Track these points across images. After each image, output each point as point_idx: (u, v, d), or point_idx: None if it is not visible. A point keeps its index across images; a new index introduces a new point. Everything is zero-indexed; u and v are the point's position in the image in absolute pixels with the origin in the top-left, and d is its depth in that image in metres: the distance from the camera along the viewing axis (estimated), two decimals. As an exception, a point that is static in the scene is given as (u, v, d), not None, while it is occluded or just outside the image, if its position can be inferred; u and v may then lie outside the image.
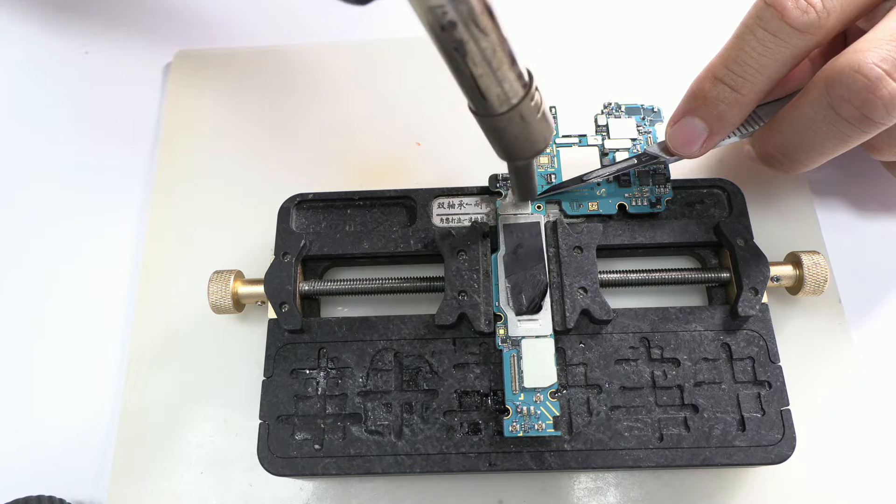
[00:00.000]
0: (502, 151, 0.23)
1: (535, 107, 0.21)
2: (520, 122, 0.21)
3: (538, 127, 0.22)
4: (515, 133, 0.22)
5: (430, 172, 0.33)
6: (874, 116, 0.23)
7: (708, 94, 0.26)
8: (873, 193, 0.33)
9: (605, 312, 0.26)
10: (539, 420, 0.25)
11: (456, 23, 0.18)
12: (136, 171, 0.35)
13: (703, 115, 0.26)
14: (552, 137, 0.23)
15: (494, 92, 0.20)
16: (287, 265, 0.28)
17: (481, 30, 0.19)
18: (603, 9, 0.37)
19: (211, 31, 0.39)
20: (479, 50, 0.19)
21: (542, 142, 0.23)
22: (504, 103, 0.21)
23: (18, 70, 0.38)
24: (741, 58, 0.25)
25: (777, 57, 0.24)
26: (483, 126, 0.22)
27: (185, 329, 0.31)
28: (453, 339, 0.27)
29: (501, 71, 0.20)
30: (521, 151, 0.23)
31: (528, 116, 0.21)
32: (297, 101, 0.36)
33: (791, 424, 0.25)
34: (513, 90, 0.20)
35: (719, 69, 0.26)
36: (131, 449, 0.29)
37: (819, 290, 0.28)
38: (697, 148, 0.27)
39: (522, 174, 0.26)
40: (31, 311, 0.32)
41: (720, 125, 0.26)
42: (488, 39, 0.19)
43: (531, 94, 0.21)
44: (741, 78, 0.25)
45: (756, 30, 0.25)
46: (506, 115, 0.21)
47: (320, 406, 0.26)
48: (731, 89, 0.25)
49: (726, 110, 0.26)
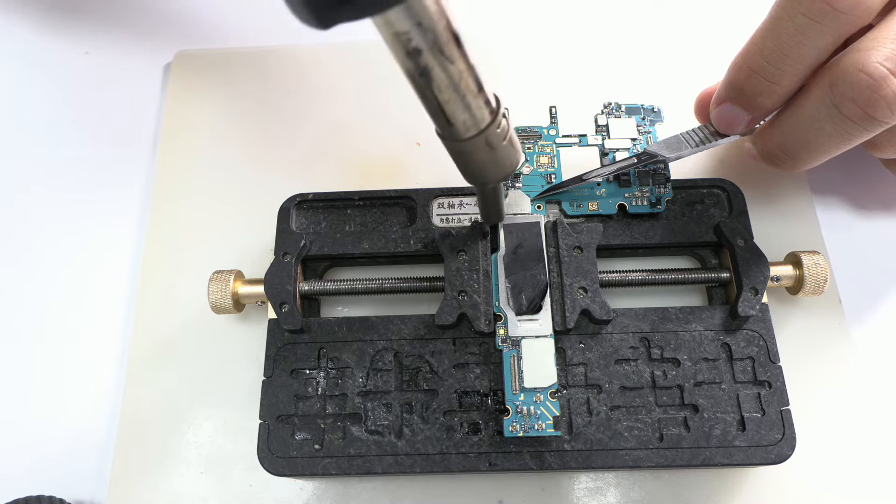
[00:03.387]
0: (469, 176, 0.23)
1: (501, 133, 0.21)
2: (486, 147, 0.21)
3: (504, 153, 0.22)
4: (482, 158, 0.22)
5: (430, 172, 0.33)
6: (878, 115, 0.23)
7: (744, 86, 0.25)
8: (873, 193, 0.33)
9: (605, 312, 0.26)
10: (539, 420, 0.25)
11: (421, 50, 0.18)
12: (136, 171, 0.35)
13: (741, 105, 0.26)
14: (519, 163, 0.23)
15: (461, 118, 0.20)
16: (287, 265, 0.28)
17: (447, 57, 0.18)
18: (603, 9, 0.37)
19: (211, 31, 0.39)
20: (446, 77, 0.19)
21: (510, 166, 0.23)
22: (470, 129, 0.21)
23: (18, 70, 0.38)
24: (779, 47, 0.24)
25: (818, 44, 0.23)
26: (450, 150, 0.22)
27: (185, 329, 0.31)
28: (453, 339, 0.27)
29: (468, 97, 0.20)
30: (487, 176, 0.23)
31: (494, 142, 0.21)
32: (298, 100, 0.35)
33: (791, 424, 0.25)
34: (480, 116, 0.20)
35: (755, 60, 0.25)
36: (131, 449, 0.29)
37: (819, 290, 0.28)
38: (741, 130, 0.27)
39: (490, 198, 0.25)
40: (31, 311, 0.32)
41: (760, 112, 0.26)
42: (454, 67, 0.19)
43: (497, 122, 0.21)
44: (778, 70, 0.24)
45: (795, 15, 0.23)
46: (471, 141, 0.21)
47: (320, 406, 0.26)
48: (768, 81, 0.24)
49: (765, 101, 0.25)
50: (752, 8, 0.28)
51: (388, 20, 0.17)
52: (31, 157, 0.36)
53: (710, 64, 0.29)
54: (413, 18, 0.17)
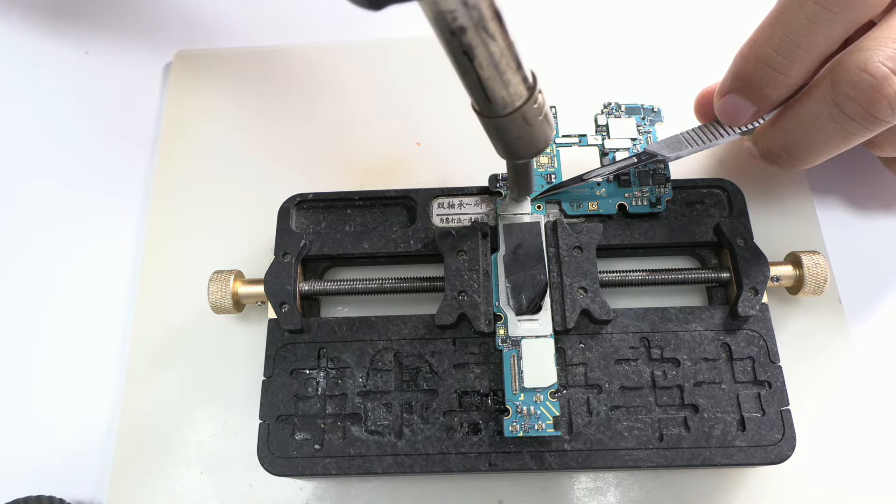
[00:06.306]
0: (503, 151, 0.23)
1: (537, 109, 0.22)
2: (522, 123, 0.22)
3: (540, 128, 0.22)
4: (518, 134, 0.22)
5: (430, 172, 0.33)
6: (879, 115, 0.23)
7: (751, 77, 0.25)
8: (873, 193, 0.33)
9: (605, 312, 0.26)
10: (539, 420, 0.25)
11: (466, 28, 0.18)
12: (137, 170, 0.35)
13: (747, 96, 0.25)
14: (553, 138, 0.23)
15: (500, 94, 0.20)
16: (287, 265, 0.28)
17: (490, 35, 0.19)
18: (603, 9, 0.37)
19: (211, 31, 0.39)
20: (487, 54, 0.19)
21: (543, 142, 0.23)
22: (508, 105, 0.21)
23: (18, 70, 0.38)
24: (788, 36, 0.23)
25: (829, 32, 0.23)
26: (486, 126, 0.22)
27: (185, 329, 0.31)
28: (453, 339, 0.27)
29: (507, 74, 0.20)
30: (521, 151, 0.23)
31: (530, 118, 0.21)
32: (297, 101, 0.36)
33: (791, 424, 0.25)
34: (517, 93, 0.21)
35: (762, 49, 0.24)
36: (131, 449, 0.29)
37: (819, 290, 0.28)
38: (745, 121, 0.27)
39: (521, 172, 0.26)
40: (31, 311, 0.32)
41: (767, 104, 0.26)
42: (496, 44, 0.19)
43: (534, 97, 0.21)
44: (787, 60, 0.24)
45: (806, 3, 0.23)
46: (509, 117, 0.21)
47: (320, 406, 0.26)
48: (776, 72, 0.24)
49: (772, 93, 0.25)
50: (752, 8, 0.28)
51: None
52: (31, 158, 0.36)
53: (710, 64, 0.29)
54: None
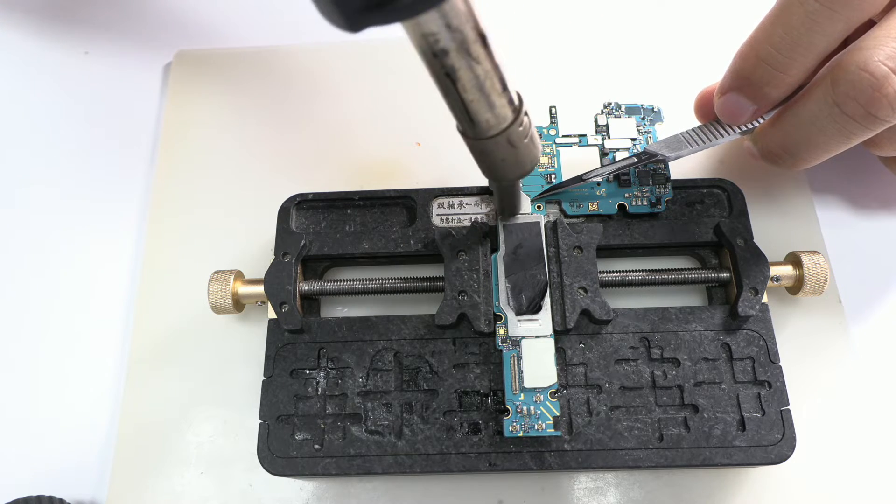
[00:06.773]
0: (488, 172, 0.23)
1: (523, 131, 0.21)
2: (507, 146, 0.21)
3: (525, 151, 0.22)
4: (502, 156, 0.22)
5: (430, 172, 0.33)
6: (879, 114, 0.23)
7: (751, 76, 0.25)
8: (873, 192, 0.33)
9: (605, 312, 0.26)
10: (539, 420, 0.25)
11: (448, 50, 0.18)
12: (136, 171, 0.35)
13: (747, 95, 0.25)
14: (538, 160, 0.23)
15: (484, 117, 0.20)
16: (287, 265, 0.28)
17: (473, 58, 0.18)
18: (603, 9, 0.37)
19: (211, 31, 0.39)
20: (471, 76, 0.19)
21: (529, 164, 0.23)
22: (493, 128, 0.21)
23: (18, 71, 0.38)
24: (789, 34, 0.23)
25: (830, 31, 0.23)
26: (470, 148, 0.22)
27: (185, 329, 0.31)
28: (453, 339, 0.27)
29: (492, 97, 0.20)
30: (506, 174, 0.23)
31: (515, 141, 0.21)
32: (297, 101, 0.35)
33: (791, 424, 0.25)
34: (502, 115, 0.20)
35: (762, 48, 0.24)
36: (131, 449, 0.29)
37: (819, 290, 0.28)
38: (745, 120, 0.26)
39: (507, 194, 0.25)
40: (31, 312, 0.32)
41: (767, 102, 0.26)
42: (480, 67, 0.19)
43: (520, 119, 0.21)
44: (787, 59, 0.23)
45: (805, 1, 0.23)
46: (493, 140, 0.21)
47: (320, 406, 0.26)
48: (776, 70, 0.24)
49: (772, 91, 0.25)
50: (752, 7, 0.28)
51: (418, 22, 0.17)
52: (31, 157, 0.36)
53: (710, 64, 0.29)
54: (443, 20, 0.17)
